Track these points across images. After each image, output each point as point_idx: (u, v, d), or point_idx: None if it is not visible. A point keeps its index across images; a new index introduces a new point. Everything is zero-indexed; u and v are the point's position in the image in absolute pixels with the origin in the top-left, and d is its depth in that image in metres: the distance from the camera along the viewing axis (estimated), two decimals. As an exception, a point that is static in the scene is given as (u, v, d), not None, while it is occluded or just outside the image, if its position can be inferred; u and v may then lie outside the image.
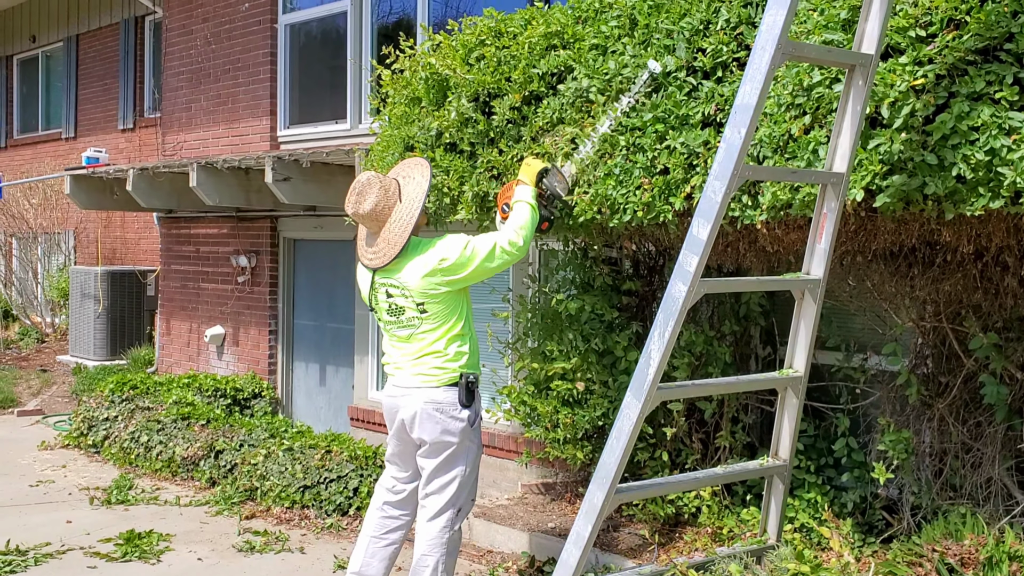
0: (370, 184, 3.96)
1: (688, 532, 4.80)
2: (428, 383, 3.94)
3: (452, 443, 3.95)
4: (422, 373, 3.96)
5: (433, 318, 3.93)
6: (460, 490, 4.02)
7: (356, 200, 3.95)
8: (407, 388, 4.00)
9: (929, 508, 4.24)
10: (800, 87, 3.52)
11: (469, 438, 3.99)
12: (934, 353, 4.34)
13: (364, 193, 3.95)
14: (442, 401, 3.92)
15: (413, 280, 3.90)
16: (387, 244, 3.93)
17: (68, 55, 13.61)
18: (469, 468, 4.03)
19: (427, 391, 3.94)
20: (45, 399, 10.12)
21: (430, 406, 3.92)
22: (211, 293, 9.33)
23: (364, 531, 4.25)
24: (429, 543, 3.99)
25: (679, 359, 4.84)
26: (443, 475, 4.00)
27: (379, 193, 3.94)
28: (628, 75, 4.13)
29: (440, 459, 3.98)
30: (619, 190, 4.05)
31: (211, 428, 7.08)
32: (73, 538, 5.54)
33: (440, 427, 3.93)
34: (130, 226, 12.42)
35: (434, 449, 3.98)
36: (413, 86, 5.12)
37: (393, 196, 3.97)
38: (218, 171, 7.69)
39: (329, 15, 8.31)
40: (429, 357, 3.95)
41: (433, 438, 3.95)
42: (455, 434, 3.94)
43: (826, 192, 3.46)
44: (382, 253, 3.93)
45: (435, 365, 3.95)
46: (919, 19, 3.23)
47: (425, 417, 3.93)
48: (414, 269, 3.90)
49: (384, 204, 3.93)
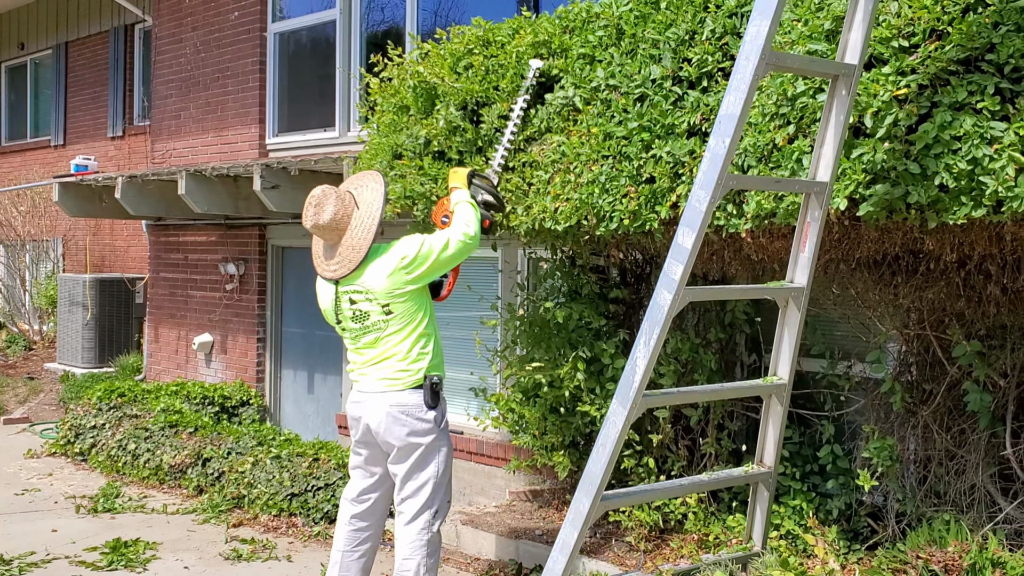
0: (326, 195, 3.99)
1: (674, 539, 4.81)
2: (393, 387, 3.97)
3: (421, 444, 3.97)
4: (387, 377, 3.99)
5: (399, 319, 3.96)
6: (435, 491, 4.03)
7: (315, 212, 3.97)
8: (372, 393, 4.03)
9: (914, 515, 4.26)
10: (784, 97, 3.55)
11: (438, 439, 4.02)
12: (918, 361, 4.37)
13: (322, 204, 3.97)
14: (408, 403, 3.96)
15: (378, 282, 3.93)
16: (351, 250, 3.96)
17: (57, 62, 13.58)
18: (442, 469, 4.05)
19: (392, 395, 3.97)
20: (32, 407, 10.07)
21: (396, 409, 3.95)
22: (199, 301, 9.32)
23: (336, 546, 4.25)
24: (410, 546, 4.00)
25: (665, 366, 4.86)
26: (416, 478, 4.02)
27: (336, 203, 3.96)
28: (614, 84, 4.16)
29: (411, 462, 4.00)
30: (605, 198, 4.07)
31: (199, 436, 7.06)
32: (58, 547, 5.51)
33: (407, 429, 3.96)
34: (119, 233, 12.39)
35: (403, 453, 4.00)
36: (401, 94, 5.14)
37: (350, 204, 4.00)
38: (207, 179, 7.69)
39: (318, 23, 8.33)
40: (393, 360, 3.98)
41: (401, 441, 3.97)
42: (422, 435, 3.97)
43: (810, 201, 3.49)
44: (346, 260, 3.96)
45: (399, 368, 3.98)
46: (902, 30, 3.26)
47: (391, 420, 3.96)
48: (377, 271, 3.94)
49: (343, 212, 3.96)
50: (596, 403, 5.02)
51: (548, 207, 4.34)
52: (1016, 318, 4.01)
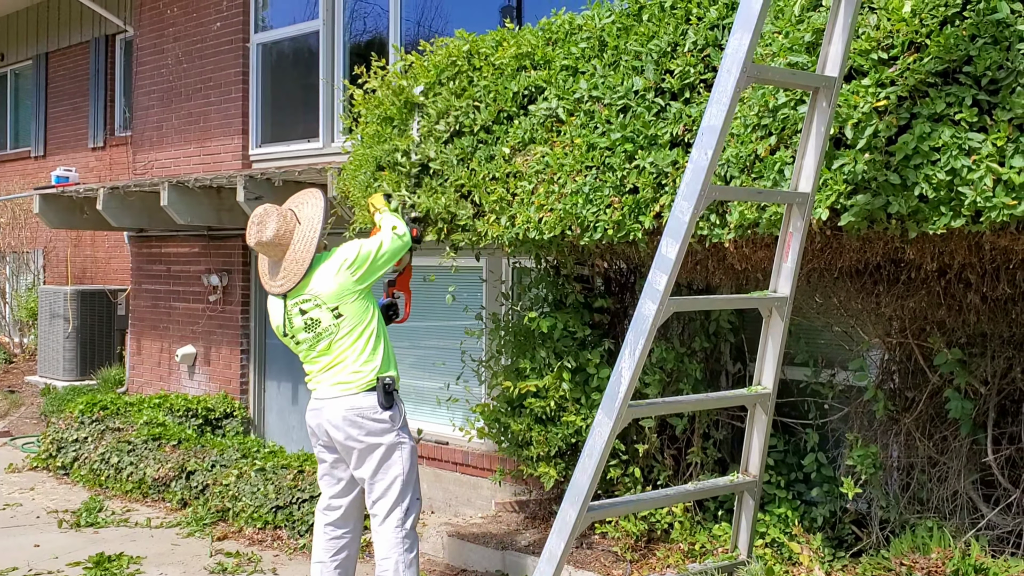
0: (268, 214, 4.14)
1: (661, 548, 4.82)
2: (347, 391, 4.09)
3: (380, 444, 4.08)
4: (340, 382, 4.10)
5: (349, 320, 4.08)
6: (404, 488, 4.12)
7: (257, 231, 4.11)
8: (328, 399, 4.13)
9: (897, 522, 4.29)
10: (766, 108, 3.59)
11: (397, 437, 4.11)
12: (900, 369, 4.41)
13: (264, 222, 4.12)
14: (363, 406, 4.07)
15: (325, 286, 4.07)
16: (294, 263, 4.10)
17: (37, 73, 13.51)
18: (407, 467, 4.13)
19: (346, 399, 4.08)
20: (13, 420, 9.98)
21: (351, 412, 4.06)
22: (182, 312, 9.27)
23: (314, 558, 4.34)
24: (386, 546, 4.09)
25: (650, 376, 4.88)
26: (382, 478, 4.10)
27: (277, 220, 4.12)
28: (597, 95, 4.19)
29: (374, 464, 4.10)
30: (589, 208, 4.09)
31: (182, 449, 7.02)
32: (41, 562, 5.46)
33: (364, 431, 4.06)
34: (100, 245, 12.32)
35: (364, 454, 4.10)
36: (385, 106, 5.15)
37: (291, 221, 4.16)
38: (189, 190, 7.67)
39: (301, 34, 8.33)
40: (344, 364, 4.09)
41: (360, 444, 4.08)
42: (380, 435, 4.07)
43: (792, 211, 3.52)
44: (291, 273, 4.10)
45: (351, 371, 4.09)
46: (881, 42, 3.30)
47: (348, 424, 4.07)
48: (323, 276, 4.09)
49: (284, 229, 4.11)
50: (582, 413, 5.03)
51: (532, 217, 4.35)
52: (996, 326, 4.05)
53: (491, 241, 4.68)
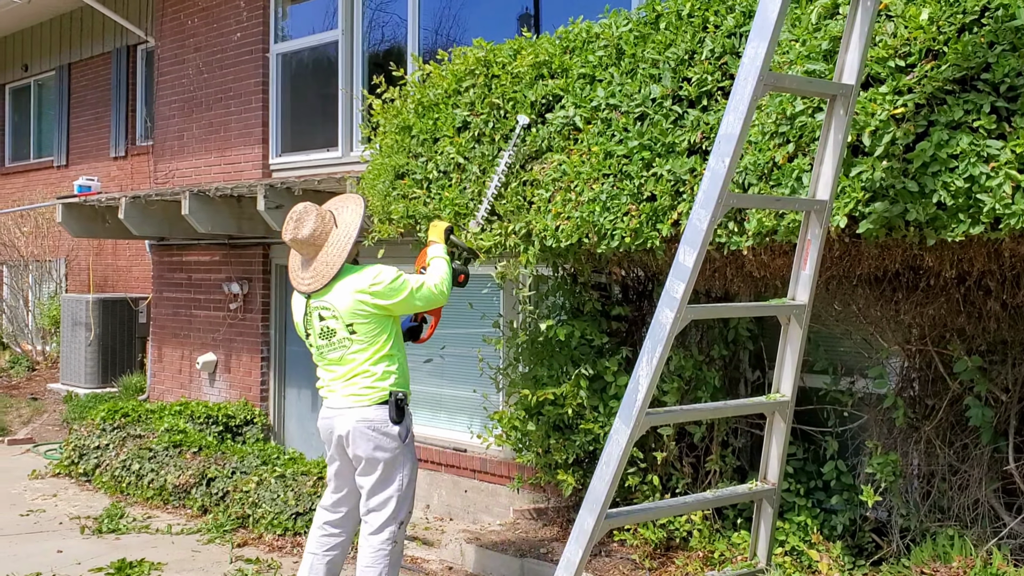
0: (307, 212, 4.20)
1: (679, 556, 4.81)
2: (360, 402, 4.15)
3: (385, 459, 4.15)
4: (353, 393, 4.16)
5: (362, 339, 4.13)
6: (400, 505, 4.21)
7: (295, 227, 4.17)
8: (340, 408, 4.21)
9: (918, 530, 4.27)
10: (783, 116, 3.59)
11: (403, 453, 4.19)
12: (920, 376, 4.39)
13: (302, 220, 4.17)
14: (373, 419, 4.13)
15: (343, 301, 4.11)
16: (324, 266, 4.15)
17: (60, 84, 13.67)
18: (406, 483, 4.22)
19: (359, 410, 4.15)
20: (36, 427, 10.08)
21: (362, 424, 4.13)
22: (203, 320, 9.34)
23: (308, 548, 4.46)
24: (372, 555, 4.17)
25: (668, 384, 4.88)
26: (382, 491, 4.19)
27: (316, 220, 4.17)
28: (614, 103, 4.20)
29: (377, 475, 4.18)
30: (606, 216, 4.10)
31: (203, 455, 7.07)
32: (64, 568, 5.51)
33: (372, 443, 4.13)
34: (121, 253, 12.43)
35: (369, 466, 4.18)
36: (403, 116, 5.19)
37: (329, 223, 4.21)
38: (210, 199, 7.73)
39: (320, 44, 8.39)
40: (359, 378, 4.16)
41: (367, 454, 4.15)
42: (388, 450, 4.14)
43: (810, 219, 3.52)
44: (320, 275, 4.15)
45: (365, 385, 4.15)
46: (898, 50, 3.30)
47: (358, 435, 4.14)
48: (344, 290, 4.12)
49: (321, 230, 4.17)
50: (599, 421, 5.03)
51: (549, 225, 4.37)
52: (1016, 333, 4.03)
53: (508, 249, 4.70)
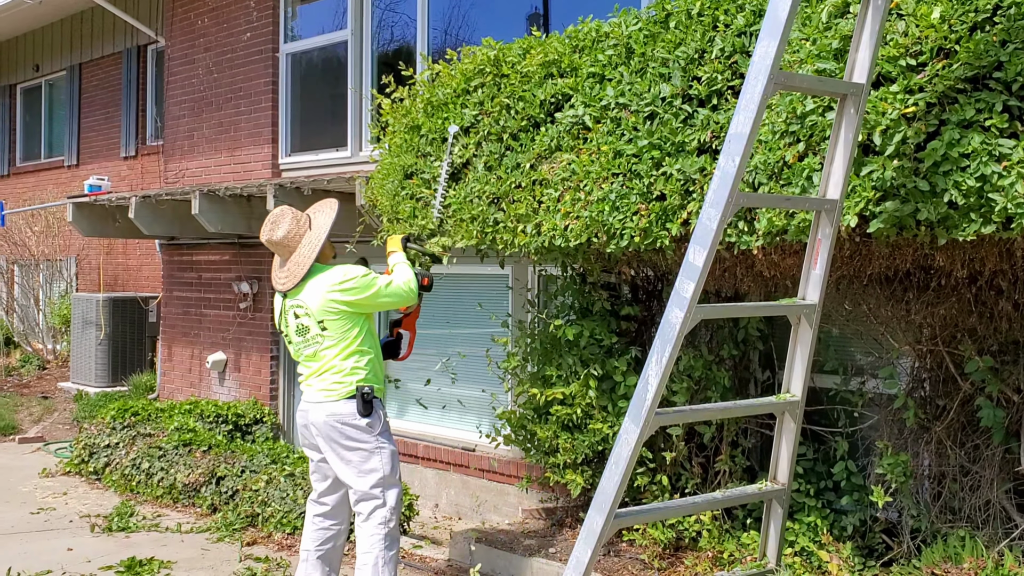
0: (283, 215, 4.40)
1: (688, 556, 4.81)
2: (329, 397, 4.32)
3: (357, 447, 4.30)
4: (324, 388, 4.33)
5: (332, 335, 4.30)
6: (386, 490, 4.31)
7: (270, 229, 4.38)
8: (314, 403, 4.37)
9: (928, 531, 4.25)
10: (794, 115, 3.58)
11: (376, 441, 4.32)
12: (931, 376, 4.37)
13: (277, 223, 4.38)
14: (342, 412, 4.29)
15: (315, 299, 4.29)
16: (296, 266, 4.34)
17: (71, 84, 13.73)
18: (387, 470, 4.32)
19: (328, 404, 4.31)
20: (46, 426, 10.12)
21: (332, 418, 4.30)
22: (213, 319, 9.37)
23: (303, 545, 4.59)
24: (367, 541, 4.30)
25: (678, 384, 4.87)
26: (363, 479, 4.31)
27: (291, 223, 4.36)
28: (624, 102, 4.20)
29: (354, 466, 4.32)
30: (616, 215, 4.10)
31: (212, 454, 7.08)
32: (74, 566, 5.53)
33: (342, 435, 4.29)
34: (132, 253, 12.48)
35: (344, 457, 4.32)
36: (412, 115, 5.19)
37: (304, 226, 4.39)
38: (220, 198, 7.75)
39: (330, 44, 8.40)
40: (328, 373, 4.33)
41: (339, 448, 4.31)
42: (358, 440, 4.29)
43: (821, 218, 3.51)
44: (292, 275, 4.34)
45: (334, 380, 4.31)
46: (909, 48, 3.29)
47: (328, 428, 4.31)
48: (315, 288, 4.29)
49: (295, 232, 4.35)
50: (608, 421, 5.03)
51: (558, 225, 4.36)
52: (1029, 333, 4.01)
53: (517, 249, 4.70)
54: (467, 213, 4.79)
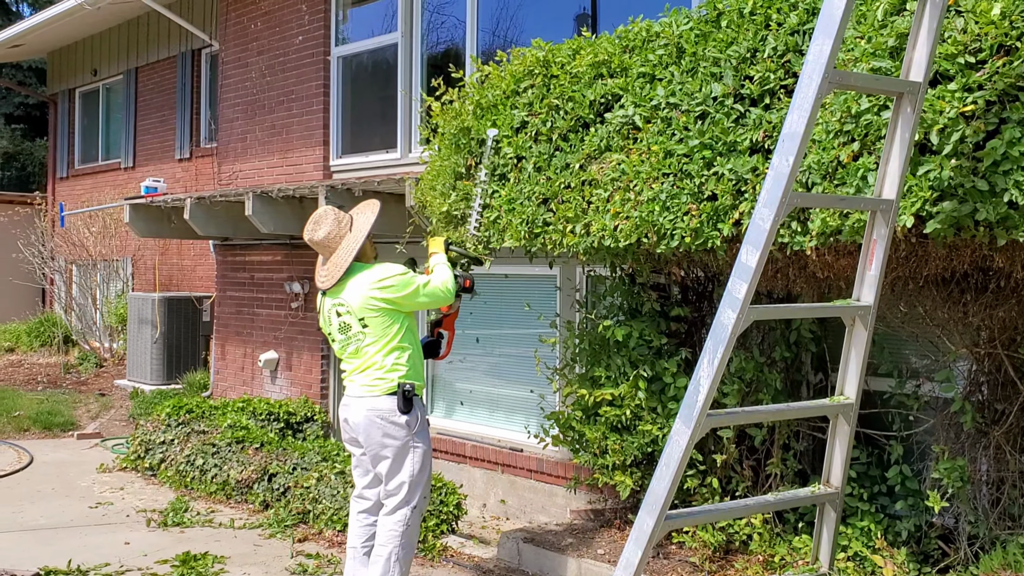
0: (325, 215, 4.50)
1: (739, 560, 4.77)
2: (371, 392, 4.37)
3: (395, 445, 4.35)
4: (366, 384, 4.39)
5: (373, 332, 4.36)
6: (412, 489, 4.39)
7: (312, 228, 4.48)
8: (355, 398, 4.44)
9: (987, 538, 4.16)
10: (848, 114, 3.53)
11: (413, 440, 4.38)
12: (989, 380, 4.28)
13: (319, 223, 4.48)
14: (382, 408, 4.34)
15: (354, 298, 4.36)
16: (334, 267, 4.43)
17: (127, 87, 14.02)
18: (418, 468, 4.40)
19: (369, 400, 4.37)
20: (103, 422, 10.35)
21: (372, 413, 4.35)
22: (265, 319, 9.50)
23: (349, 542, 4.67)
24: (386, 536, 4.39)
25: (729, 386, 4.83)
26: (395, 477, 4.39)
27: (332, 224, 4.46)
28: (674, 102, 4.18)
29: (389, 462, 4.38)
30: (666, 216, 4.08)
31: (265, 452, 7.19)
32: (131, 559, 5.65)
33: (381, 431, 4.35)
34: (186, 253, 12.71)
35: (381, 453, 4.39)
36: (462, 117, 5.21)
37: (345, 227, 4.48)
38: (273, 200, 7.86)
39: (380, 47, 8.48)
40: (371, 369, 4.38)
41: (377, 442, 4.37)
42: (396, 438, 4.35)
43: (876, 218, 3.46)
44: (331, 275, 4.43)
45: (376, 376, 4.37)
46: (968, 46, 3.23)
47: (368, 423, 4.36)
48: (355, 287, 4.38)
49: (336, 233, 4.44)
50: (658, 422, 5.01)
51: (608, 225, 4.36)
52: (1092, 336, 3.92)
53: (565, 249, 4.71)
54: (517, 215, 4.81)
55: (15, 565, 5.38)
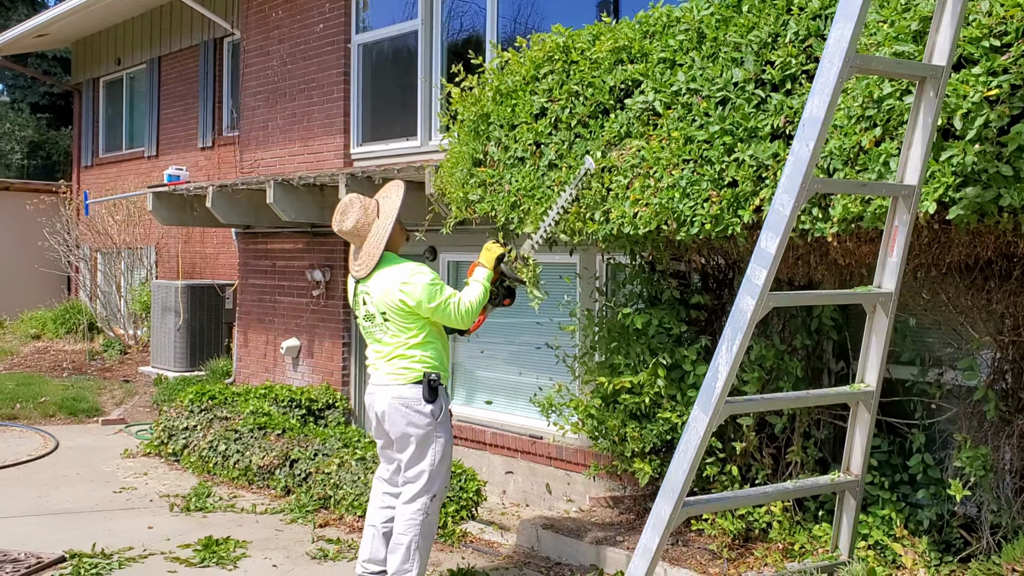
0: (351, 204, 4.49)
1: (758, 548, 4.75)
2: (396, 381, 4.41)
3: (418, 435, 4.39)
4: (391, 372, 4.43)
5: (395, 325, 4.40)
6: (432, 479, 4.43)
7: (340, 219, 4.49)
8: (380, 385, 4.48)
9: (1010, 527, 4.13)
10: (870, 99, 3.50)
11: (435, 430, 4.41)
12: (1013, 368, 4.24)
13: (346, 212, 4.48)
14: (407, 397, 4.38)
15: (378, 291, 4.41)
16: (367, 256, 4.45)
17: (151, 76, 14.11)
18: (438, 458, 4.43)
19: (394, 388, 4.41)
20: (128, 408, 10.46)
21: (397, 401, 4.39)
22: (287, 306, 9.56)
23: (368, 521, 4.73)
24: (405, 524, 4.42)
25: (749, 373, 4.81)
26: (416, 465, 4.43)
27: (359, 212, 4.46)
28: (695, 88, 4.15)
29: (410, 450, 4.42)
30: (686, 202, 4.06)
31: (286, 438, 7.24)
32: (154, 543, 5.72)
33: (405, 420, 4.38)
34: (209, 241, 12.79)
35: (403, 441, 4.43)
36: (482, 103, 5.21)
37: (372, 214, 4.47)
38: (294, 188, 7.89)
39: (400, 34, 8.47)
40: (397, 359, 4.42)
41: (400, 430, 4.41)
42: (420, 427, 4.38)
43: (898, 205, 3.43)
44: (364, 264, 4.46)
45: (402, 366, 4.41)
46: (993, 29, 3.18)
47: (392, 411, 4.40)
48: (381, 280, 4.41)
49: (364, 221, 4.45)
50: (677, 410, 5.00)
51: (627, 212, 4.34)
52: (1118, 324, 3.86)
53: (585, 237, 4.69)
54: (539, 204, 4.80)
55: (40, 548, 5.46)
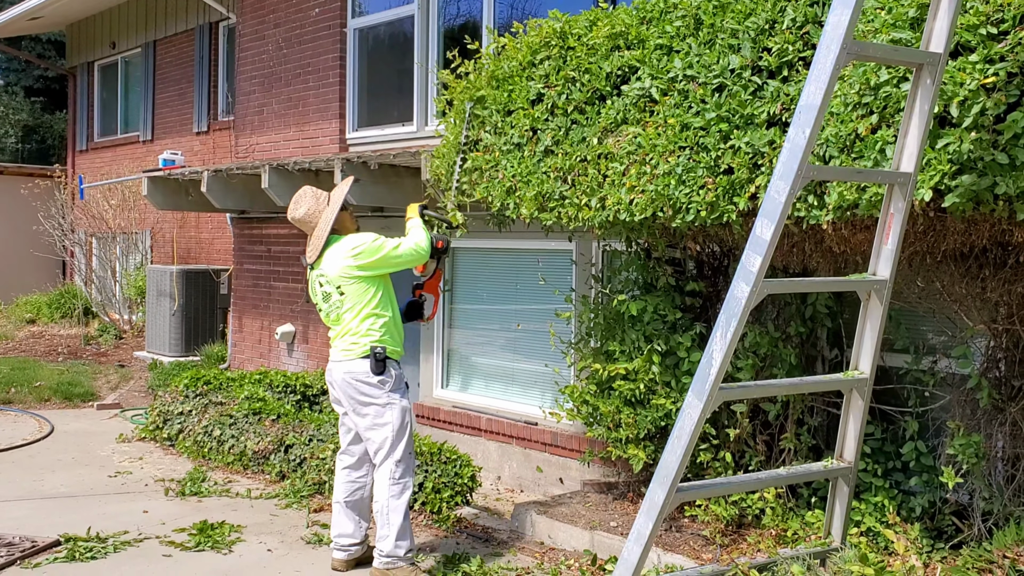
0: (304, 195, 4.84)
1: (751, 534, 4.77)
2: (347, 356, 4.72)
3: (369, 402, 4.68)
4: (343, 348, 4.74)
5: (350, 298, 4.67)
6: (395, 442, 4.69)
7: (293, 207, 4.82)
8: (335, 362, 4.78)
9: (1001, 514, 4.15)
10: (867, 86, 3.49)
11: (387, 397, 4.69)
12: (1007, 356, 4.25)
13: (299, 201, 4.82)
14: (356, 370, 4.68)
15: (331, 267, 4.69)
16: (316, 240, 4.76)
17: (146, 60, 14.04)
18: (397, 424, 4.69)
19: (345, 363, 4.72)
20: (123, 393, 10.45)
21: (348, 375, 4.70)
22: (282, 292, 9.55)
23: (335, 497, 4.98)
24: (379, 490, 4.73)
25: (743, 360, 4.82)
26: (375, 431, 4.71)
27: (311, 201, 4.79)
28: (691, 74, 4.14)
29: (368, 419, 4.71)
30: (682, 189, 4.06)
31: (281, 423, 7.24)
32: (149, 527, 5.72)
33: (356, 390, 4.69)
34: (204, 226, 12.77)
35: (358, 410, 4.73)
36: (477, 86, 5.19)
37: (323, 203, 4.80)
38: (289, 173, 7.87)
39: (396, 19, 8.44)
40: (348, 335, 4.71)
41: (354, 402, 4.72)
42: (371, 396, 4.68)
43: (893, 192, 3.43)
44: (313, 249, 4.76)
45: (351, 341, 4.70)
46: (990, 16, 3.18)
47: (344, 384, 4.72)
48: (331, 257, 4.70)
49: (315, 210, 4.77)
50: (671, 396, 5.01)
51: (623, 199, 4.34)
52: (1112, 313, 3.87)
53: (581, 223, 4.69)
54: (532, 188, 4.79)
55: (36, 532, 5.47)
